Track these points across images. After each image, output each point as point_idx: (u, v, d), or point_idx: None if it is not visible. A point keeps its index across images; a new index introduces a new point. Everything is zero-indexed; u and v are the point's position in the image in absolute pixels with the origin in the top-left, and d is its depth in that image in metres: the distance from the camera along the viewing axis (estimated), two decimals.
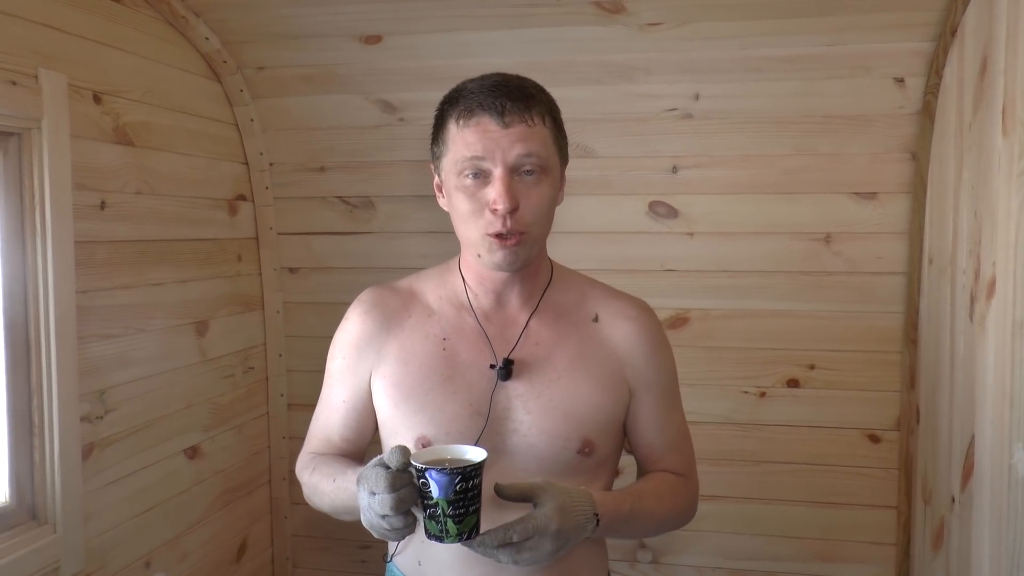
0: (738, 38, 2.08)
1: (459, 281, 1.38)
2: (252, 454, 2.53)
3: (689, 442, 1.46)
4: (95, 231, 1.85)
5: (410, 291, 1.41)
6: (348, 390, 1.40)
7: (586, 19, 2.06)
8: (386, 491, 1.10)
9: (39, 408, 1.70)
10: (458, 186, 1.26)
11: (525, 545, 1.13)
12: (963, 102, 1.89)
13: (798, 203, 2.24)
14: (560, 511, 1.15)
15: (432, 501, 1.10)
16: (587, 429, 1.31)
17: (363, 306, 1.41)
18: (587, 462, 1.31)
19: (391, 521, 1.12)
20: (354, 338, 1.39)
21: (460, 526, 1.11)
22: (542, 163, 1.25)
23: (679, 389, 1.44)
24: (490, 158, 1.23)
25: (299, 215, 2.54)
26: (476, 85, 1.28)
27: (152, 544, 2.05)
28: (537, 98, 1.28)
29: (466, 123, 1.25)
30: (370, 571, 2.62)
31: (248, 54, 2.30)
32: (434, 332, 1.35)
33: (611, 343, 1.36)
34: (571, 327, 1.36)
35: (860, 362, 2.26)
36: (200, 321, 2.25)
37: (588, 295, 1.40)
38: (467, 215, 1.26)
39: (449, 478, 1.09)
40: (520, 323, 1.35)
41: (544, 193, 1.26)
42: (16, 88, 1.60)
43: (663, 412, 1.39)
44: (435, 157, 1.33)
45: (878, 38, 2.03)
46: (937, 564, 2.03)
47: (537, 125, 1.25)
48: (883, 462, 2.27)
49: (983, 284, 1.75)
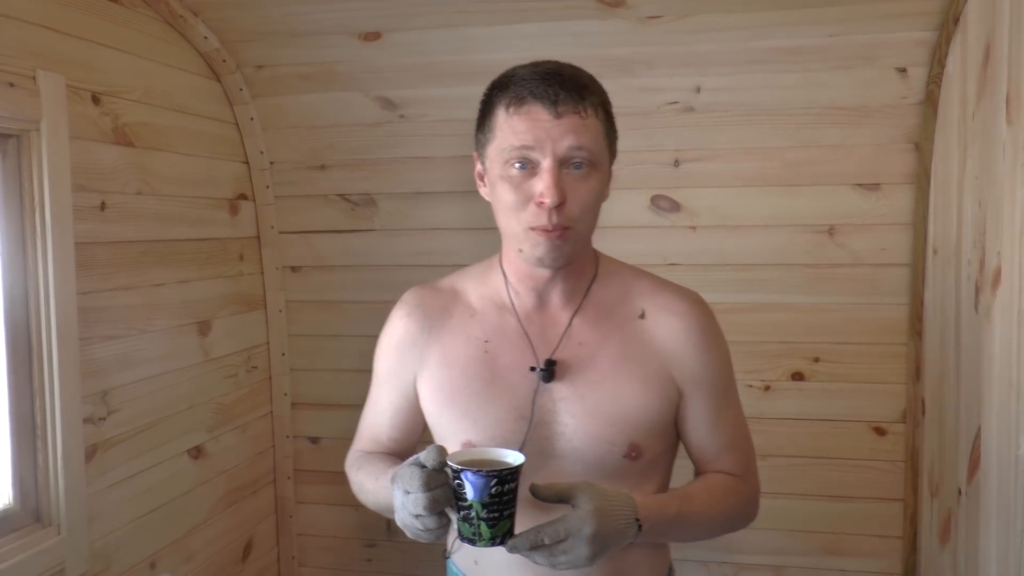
0: (739, 30, 2.07)
1: (500, 279, 1.34)
2: (256, 453, 2.52)
3: (747, 440, 1.39)
4: (96, 232, 1.84)
5: (452, 290, 1.38)
6: (393, 392, 1.39)
7: (586, 13, 2.05)
8: (420, 490, 1.08)
9: (42, 410, 1.70)
10: (503, 175, 1.22)
11: (559, 548, 1.09)
12: (966, 91, 1.87)
13: (801, 195, 2.23)
14: (597, 514, 1.10)
15: (466, 503, 1.08)
16: (633, 432, 1.26)
17: (405, 307, 1.38)
18: (635, 466, 1.27)
19: (424, 521, 1.10)
20: (397, 340, 1.37)
21: (493, 530, 1.09)
22: (592, 157, 1.21)
23: (735, 385, 1.38)
24: (539, 148, 1.18)
25: (300, 214, 2.54)
26: (528, 71, 1.22)
27: (157, 545, 2.05)
28: (591, 88, 1.23)
29: (516, 110, 1.20)
30: (376, 570, 2.62)
31: (247, 53, 2.29)
32: (476, 334, 1.32)
33: (657, 341, 1.30)
34: (615, 325, 1.31)
35: (865, 354, 2.25)
36: (202, 321, 2.25)
37: (634, 290, 1.35)
38: (511, 206, 1.21)
39: (485, 480, 1.07)
40: (562, 322, 1.31)
41: (592, 188, 1.22)
42: (14, 90, 1.60)
43: (715, 411, 1.33)
44: (479, 144, 1.28)
45: (880, 28, 2.02)
46: (944, 556, 2.02)
47: (590, 117, 1.20)
48: (889, 455, 2.26)
49: (988, 274, 1.74)
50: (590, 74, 1.26)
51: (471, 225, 2.41)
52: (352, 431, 2.64)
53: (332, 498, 2.62)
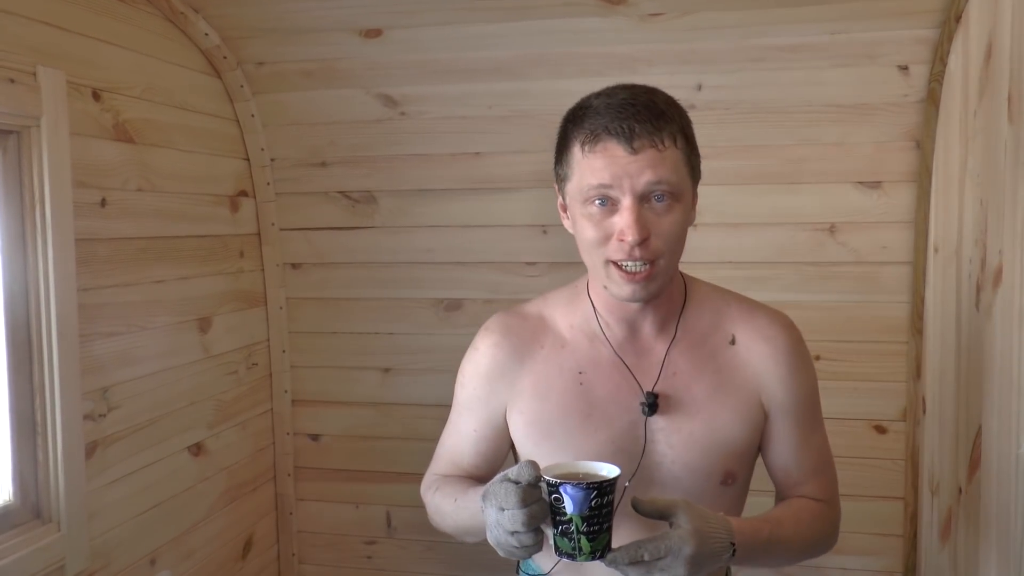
0: (740, 28, 2.07)
1: (589, 308, 1.33)
2: (257, 450, 2.52)
3: (831, 466, 1.39)
4: (96, 229, 1.84)
5: (540, 318, 1.36)
6: (478, 420, 1.37)
7: (587, 10, 2.05)
8: (517, 506, 1.06)
9: (42, 407, 1.70)
10: (584, 214, 1.20)
11: (657, 565, 1.08)
12: (968, 89, 1.87)
13: (802, 193, 2.22)
14: (696, 534, 1.09)
15: (566, 517, 1.06)
16: (728, 461, 1.28)
17: (493, 336, 1.36)
18: (728, 491, 1.29)
19: (520, 538, 1.08)
20: (485, 369, 1.35)
21: (593, 544, 1.07)
22: (673, 189, 1.18)
23: (820, 409, 1.38)
24: (618, 186, 1.16)
25: (301, 211, 2.54)
26: (602, 103, 1.19)
27: (157, 542, 2.05)
28: (667, 116, 1.19)
29: (591, 148, 1.18)
30: (376, 567, 2.62)
31: (248, 49, 2.29)
32: (569, 365, 1.31)
33: (749, 367, 1.30)
34: (708, 355, 1.30)
35: (866, 353, 2.25)
36: (203, 318, 2.24)
37: (724, 314, 1.34)
38: (593, 243, 1.20)
39: (585, 493, 1.05)
40: (656, 352, 1.30)
41: (675, 220, 1.19)
42: (15, 86, 1.60)
43: (800, 436, 1.33)
44: (559, 179, 1.27)
45: (882, 26, 2.02)
46: (944, 555, 2.02)
47: (668, 148, 1.17)
48: (890, 453, 2.26)
49: (989, 273, 1.73)
50: (666, 96, 1.23)
51: (471, 222, 2.41)
52: (353, 429, 2.65)
53: (332, 495, 2.62)
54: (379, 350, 2.54)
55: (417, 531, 2.56)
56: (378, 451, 2.57)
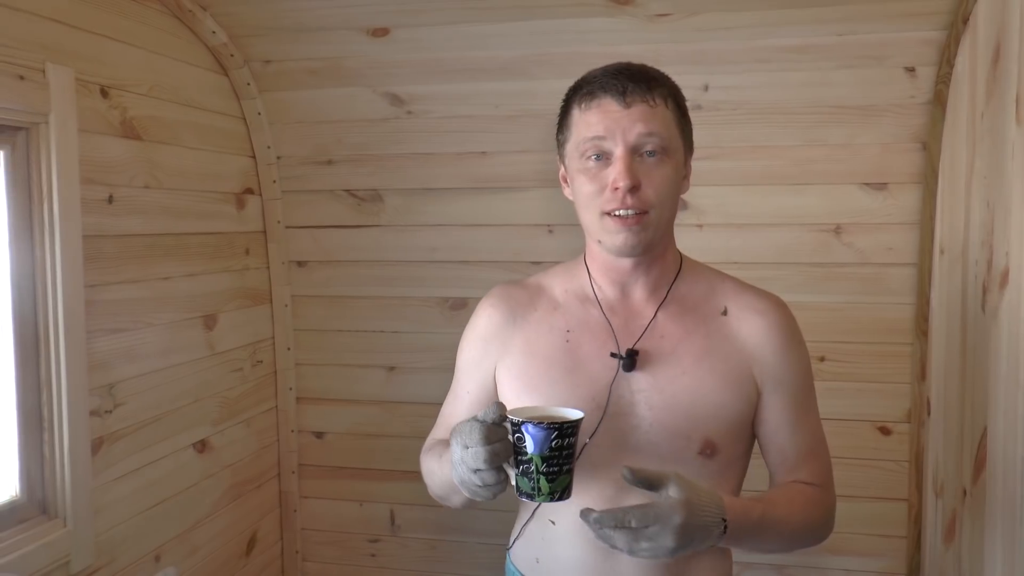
0: (747, 28, 2.07)
1: (585, 275, 1.38)
2: (261, 448, 2.53)
3: (825, 449, 1.38)
4: (103, 225, 1.85)
5: (537, 286, 1.42)
6: (473, 382, 1.41)
7: (594, 10, 2.05)
8: (480, 444, 1.09)
9: (48, 402, 1.70)
10: (580, 169, 1.27)
11: (644, 533, 1.07)
12: (975, 91, 1.87)
13: (808, 194, 2.22)
14: (686, 505, 1.08)
15: (526, 457, 1.10)
16: (709, 429, 1.27)
17: (491, 300, 1.42)
18: (710, 464, 1.27)
19: (483, 476, 1.10)
20: (481, 331, 1.41)
21: (553, 484, 1.10)
22: (664, 144, 1.24)
23: (814, 392, 1.38)
24: (611, 137, 1.23)
25: (307, 208, 2.54)
26: (600, 71, 1.29)
27: (162, 538, 2.06)
28: (659, 80, 1.28)
29: (588, 105, 1.26)
30: (379, 564, 2.63)
31: (255, 47, 2.30)
32: (559, 325, 1.35)
33: (740, 338, 1.31)
34: (699, 321, 1.32)
35: (871, 354, 2.25)
36: (208, 315, 2.25)
37: (718, 288, 1.37)
38: (589, 197, 1.26)
39: (545, 433, 1.08)
40: (646, 315, 1.33)
41: (666, 174, 1.25)
42: (24, 83, 1.60)
43: (795, 414, 1.33)
44: (559, 145, 1.34)
45: (889, 27, 2.01)
46: (949, 557, 2.02)
47: (659, 106, 1.25)
48: (894, 454, 2.26)
49: (996, 274, 1.73)
50: (660, 71, 1.31)
51: (477, 221, 2.42)
52: (357, 427, 2.66)
53: (336, 493, 2.62)
54: (384, 348, 2.54)
55: (421, 529, 2.57)
56: (382, 449, 2.57)
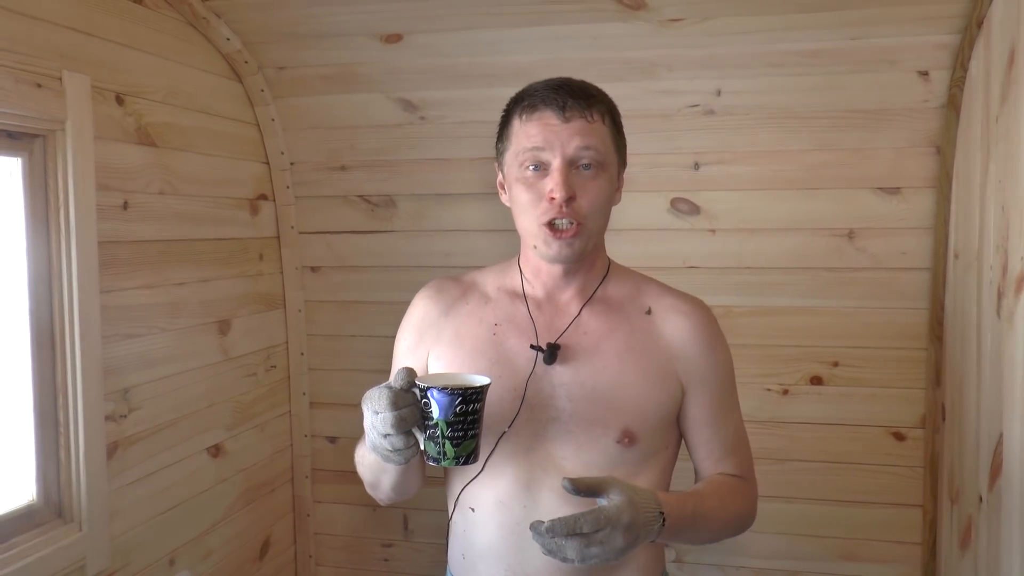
0: (760, 33, 2.06)
1: (517, 274, 1.44)
2: (275, 452, 2.54)
3: (747, 445, 1.45)
4: (118, 231, 1.86)
5: (471, 281, 1.48)
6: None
7: (607, 15, 2.05)
8: (388, 409, 1.13)
9: (64, 407, 1.72)
10: (519, 178, 1.32)
11: (595, 538, 1.10)
12: (990, 95, 1.86)
13: (821, 199, 2.22)
14: (631, 504, 1.13)
15: (432, 422, 1.14)
16: (628, 418, 1.31)
17: (427, 291, 1.48)
18: (627, 454, 1.31)
19: (392, 440, 1.14)
20: (416, 320, 1.46)
21: (458, 449, 1.15)
22: (600, 158, 1.30)
23: (736, 391, 1.43)
24: (549, 149, 1.28)
25: (320, 214, 2.55)
26: (541, 84, 1.35)
27: (176, 542, 2.07)
28: (598, 98, 1.34)
29: (528, 117, 1.32)
30: (392, 569, 2.63)
31: (269, 54, 2.31)
32: (487, 319, 1.40)
33: (663, 337, 1.37)
34: (623, 319, 1.38)
35: (884, 359, 2.24)
36: (222, 320, 2.26)
37: (643, 290, 1.42)
38: (526, 206, 1.31)
39: (450, 399, 1.12)
40: (571, 312, 1.38)
41: (601, 187, 1.31)
42: (41, 90, 1.62)
43: (719, 411, 1.39)
44: (499, 153, 1.39)
45: (902, 31, 2.01)
46: (965, 564, 2.01)
47: (596, 122, 1.31)
48: (908, 460, 2.25)
49: (1011, 279, 1.72)
50: (598, 87, 1.37)
51: (490, 227, 2.42)
52: None
53: (349, 497, 2.63)
54: None
55: (434, 534, 2.57)
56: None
